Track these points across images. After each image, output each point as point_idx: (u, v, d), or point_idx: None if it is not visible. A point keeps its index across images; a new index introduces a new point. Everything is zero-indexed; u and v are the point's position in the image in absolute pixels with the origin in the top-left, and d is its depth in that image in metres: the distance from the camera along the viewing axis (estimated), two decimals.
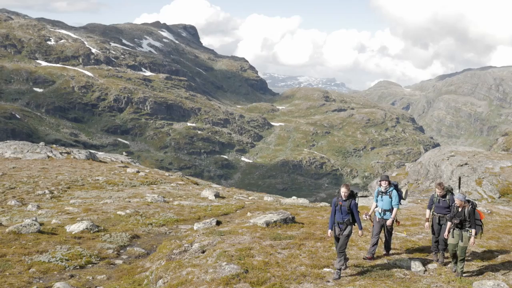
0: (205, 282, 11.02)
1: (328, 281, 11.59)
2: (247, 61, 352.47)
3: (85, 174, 37.65)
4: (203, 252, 14.59)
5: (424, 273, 12.21)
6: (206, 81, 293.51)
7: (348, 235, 12.03)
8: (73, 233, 18.03)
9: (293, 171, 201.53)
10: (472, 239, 12.05)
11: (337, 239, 12.18)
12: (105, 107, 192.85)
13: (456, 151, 54.13)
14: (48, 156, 46.70)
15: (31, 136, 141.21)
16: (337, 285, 11.34)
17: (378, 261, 13.11)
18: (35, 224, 17.83)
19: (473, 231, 11.99)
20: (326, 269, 12.53)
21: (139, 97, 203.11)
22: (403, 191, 14.24)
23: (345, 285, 11.27)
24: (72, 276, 13.67)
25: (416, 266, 12.52)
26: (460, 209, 12.14)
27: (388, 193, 13.69)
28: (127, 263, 15.40)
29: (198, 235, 16.68)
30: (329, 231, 12.26)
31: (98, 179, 35.47)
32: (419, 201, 25.68)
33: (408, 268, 12.48)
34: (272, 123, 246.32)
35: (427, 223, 14.03)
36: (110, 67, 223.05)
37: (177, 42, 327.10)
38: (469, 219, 12.00)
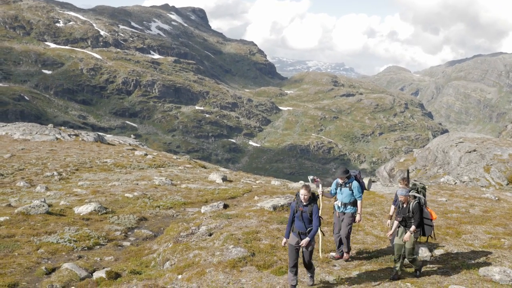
0: (212, 265, 11.09)
1: (335, 265, 11.64)
2: (255, 45, 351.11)
3: (93, 157, 37.75)
4: (210, 235, 14.65)
5: (430, 259, 12.21)
6: (215, 64, 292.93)
7: (312, 250, 10.15)
8: (81, 214, 18.14)
9: (301, 155, 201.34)
10: (407, 235, 10.77)
11: (295, 250, 10.06)
12: (113, 89, 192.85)
13: (465, 137, 53.86)
14: (57, 138, 46.84)
15: (39, 118, 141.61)
16: (344, 270, 11.38)
17: (384, 246, 13.12)
18: (43, 205, 17.94)
19: (413, 227, 10.73)
20: (332, 253, 12.57)
21: (148, 80, 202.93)
22: (365, 181, 12.72)
23: (351, 270, 11.31)
24: (80, 257, 13.77)
25: (423, 251, 12.52)
26: (404, 205, 11.04)
27: (347, 185, 12.26)
28: (135, 245, 15.49)
29: (205, 218, 16.74)
30: (284, 239, 10.27)
31: (106, 162, 35.57)
32: (427, 186, 25.60)
33: (415, 253, 12.48)
34: (280, 108, 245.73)
35: (388, 221, 12.35)
36: (118, 49, 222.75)
37: (185, 25, 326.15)
38: (413, 216, 10.83)
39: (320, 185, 12.09)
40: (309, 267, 10.24)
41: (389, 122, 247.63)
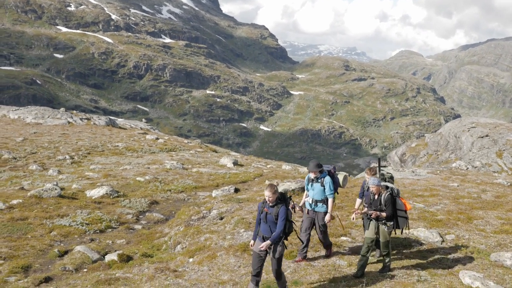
0: (223, 248, 11.14)
1: (346, 249, 11.64)
2: (267, 29, 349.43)
3: (105, 140, 37.91)
4: (221, 218, 14.70)
5: (441, 244, 12.17)
6: (226, 48, 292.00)
7: (280, 258, 8.90)
8: (93, 198, 18.25)
9: (312, 140, 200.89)
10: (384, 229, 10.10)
11: (258, 257, 9.01)
12: (124, 73, 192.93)
13: (477, 122, 53.55)
14: (69, 122, 47.06)
15: (51, 102, 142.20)
16: (354, 254, 11.39)
17: (396, 232, 13.09)
18: (56, 189, 18.07)
19: (383, 213, 10.01)
20: (343, 238, 12.58)
21: (159, 64, 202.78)
22: (340, 177, 11.43)
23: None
24: (92, 240, 13.88)
25: (434, 236, 12.47)
26: (376, 197, 10.17)
27: (319, 181, 10.96)
28: (146, 228, 15.59)
29: (216, 202, 16.80)
30: (251, 241, 9.25)
31: (117, 145, 35.71)
32: (438, 172, 25.55)
33: (426, 238, 12.45)
34: (292, 92, 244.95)
35: (353, 215, 10.93)
36: (129, 33, 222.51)
37: (197, 9, 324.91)
38: (386, 207, 9.99)
39: (299, 207, 10.72)
40: (278, 277, 9.02)
41: (400, 107, 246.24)
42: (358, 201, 11.65)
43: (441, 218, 14.40)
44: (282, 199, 8.90)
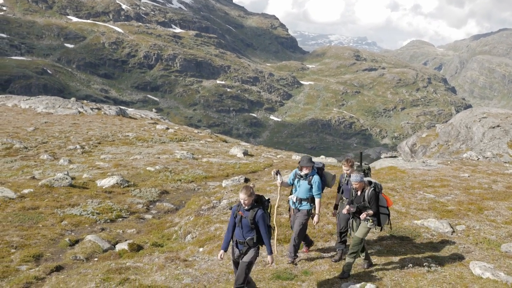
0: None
1: None
2: (277, 19, 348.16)
3: (115, 130, 38.04)
4: (231, 208, 14.71)
5: (452, 234, 12.13)
6: (236, 38, 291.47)
7: (250, 263, 8.07)
8: (103, 187, 18.33)
9: (322, 130, 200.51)
10: (364, 228, 9.47)
11: (236, 264, 8.31)
12: (135, 63, 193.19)
13: (489, 112, 53.22)
14: (79, 112, 47.22)
15: (62, 91, 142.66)
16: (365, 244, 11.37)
17: (406, 222, 13.06)
18: (66, 178, 18.16)
19: (370, 211, 9.35)
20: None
21: (169, 54, 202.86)
22: (329, 177, 10.71)
23: (372, 244, 11.30)
24: (103, 229, 13.96)
25: (444, 227, 12.43)
26: (359, 193, 9.54)
27: (307, 178, 10.28)
28: (156, 218, 15.65)
29: (226, 192, 16.82)
30: (221, 251, 8.29)
31: (128, 135, 35.82)
32: (449, 162, 25.42)
33: (436, 229, 12.40)
34: (302, 82, 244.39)
35: (334, 210, 10.61)
36: (140, 23, 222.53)
37: None
38: (370, 205, 9.37)
39: (279, 177, 10.38)
40: (243, 285, 8.06)
41: (411, 97, 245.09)
42: (338, 196, 10.96)
43: (451, 208, 14.34)
44: (259, 201, 8.22)
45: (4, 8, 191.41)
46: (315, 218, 10.20)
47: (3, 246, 11.85)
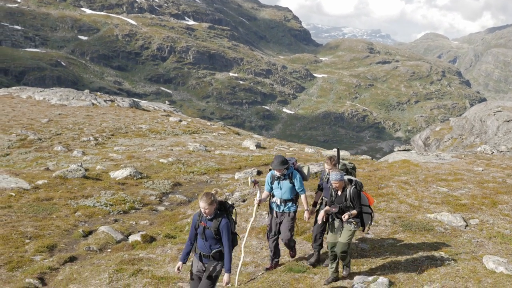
0: (245, 231, 11.17)
1: (368, 233, 11.60)
2: (290, 11, 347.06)
3: (128, 122, 38.16)
4: (244, 201, 14.75)
5: (465, 228, 12.06)
6: (249, 31, 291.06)
7: (214, 280, 7.30)
8: (117, 179, 18.40)
9: (335, 123, 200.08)
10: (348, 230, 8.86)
11: (198, 281, 7.38)
12: (148, 55, 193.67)
13: (503, 106, 52.77)
14: (93, 104, 47.42)
15: (76, 83, 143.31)
16: (377, 237, 11.36)
17: (419, 216, 12.99)
18: (80, 170, 18.26)
19: (354, 211, 8.76)
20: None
21: (182, 46, 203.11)
22: (305, 170, 10.29)
23: (385, 238, 11.28)
24: (116, 220, 14.03)
25: (457, 221, 12.36)
26: (339, 193, 8.90)
27: (287, 177, 9.74)
28: (169, 210, 15.69)
29: (239, 184, 16.85)
30: (179, 263, 7.41)
31: (141, 127, 35.92)
32: (463, 156, 25.25)
33: (449, 222, 12.34)
34: (315, 75, 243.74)
35: (320, 217, 9.34)
36: (153, 15, 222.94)
37: None
38: (353, 204, 8.78)
39: (258, 192, 9.85)
40: None
41: (425, 90, 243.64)
42: (318, 193, 10.42)
43: (465, 202, 14.24)
44: (223, 209, 7.24)
45: (19, 0, 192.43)
46: (306, 214, 9.85)
47: (18, 236, 11.95)
